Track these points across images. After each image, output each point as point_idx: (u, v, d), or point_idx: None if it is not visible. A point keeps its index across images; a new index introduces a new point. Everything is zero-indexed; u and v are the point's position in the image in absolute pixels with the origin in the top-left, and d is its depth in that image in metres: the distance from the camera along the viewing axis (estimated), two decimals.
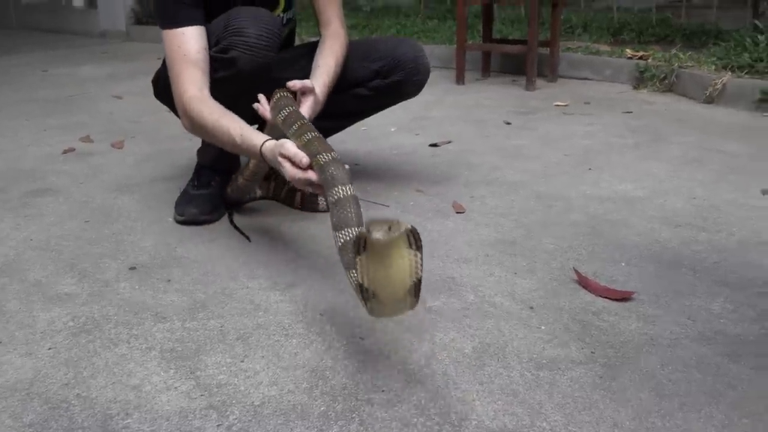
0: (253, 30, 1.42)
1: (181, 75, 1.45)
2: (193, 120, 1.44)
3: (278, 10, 1.67)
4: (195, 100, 1.42)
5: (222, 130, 1.37)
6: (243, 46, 1.42)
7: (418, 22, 5.24)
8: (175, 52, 1.46)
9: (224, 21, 1.46)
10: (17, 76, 4.06)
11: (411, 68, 1.65)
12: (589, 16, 5.10)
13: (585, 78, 3.61)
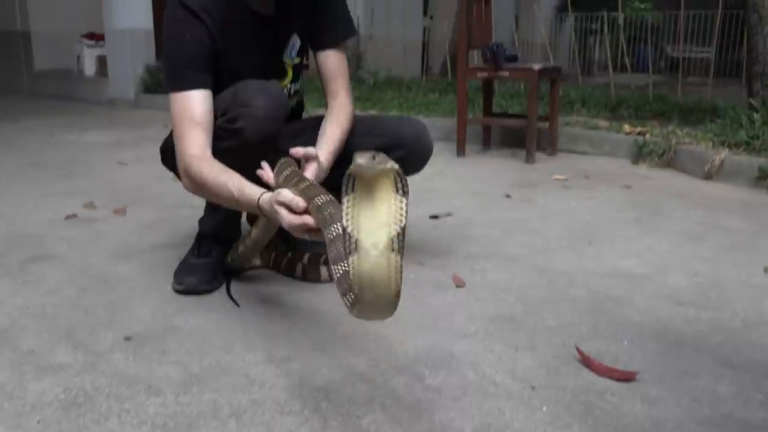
0: (260, 102, 1.45)
1: (184, 136, 1.47)
2: (194, 178, 1.45)
3: (286, 81, 1.71)
4: (196, 159, 1.44)
5: (221, 185, 1.39)
6: (249, 117, 1.44)
7: (420, 95, 5.36)
8: (180, 114, 1.48)
9: (232, 92, 1.50)
10: (24, 140, 4.12)
11: (414, 146, 1.67)
12: (587, 92, 5.23)
13: (584, 152, 3.67)
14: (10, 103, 6.46)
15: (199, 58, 1.50)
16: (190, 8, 1.50)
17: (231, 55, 1.56)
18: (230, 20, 1.55)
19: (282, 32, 1.65)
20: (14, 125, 4.80)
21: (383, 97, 5.16)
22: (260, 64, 1.63)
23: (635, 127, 3.71)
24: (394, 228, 0.93)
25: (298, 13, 1.64)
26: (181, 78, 1.50)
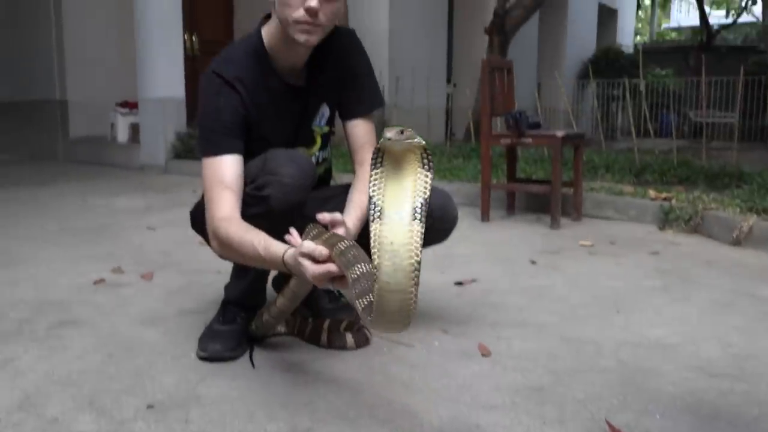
0: (288, 170, 1.48)
1: (214, 199, 1.50)
2: (221, 239, 1.47)
3: (314, 149, 1.75)
4: (225, 220, 1.47)
5: (247, 244, 1.40)
6: (277, 185, 1.47)
7: (445, 160, 5.41)
8: (211, 178, 1.52)
9: (261, 161, 1.53)
10: (58, 205, 4.23)
11: (438, 216, 1.67)
12: (611, 157, 5.24)
13: (609, 218, 3.65)
14: (46, 169, 6.66)
15: (231, 124, 1.54)
16: (224, 77, 1.56)
17: (262, 123, 1.61)
18: (262, 90, 1.60)
19: (312, 102, 1.69)
20: (49, 190, 4.93)
21: None
22: (290, 132, 1.68)
23: (661, 192, 3.70)
24: (417, 200, 1.01)
25: (328, 84, 1.69)
26: (213, 143, 1.54)
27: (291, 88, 1.64)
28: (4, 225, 3.52)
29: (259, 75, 1.60)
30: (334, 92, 1.71)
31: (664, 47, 17.26)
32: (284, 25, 1.51)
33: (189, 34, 7.07)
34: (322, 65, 1.66)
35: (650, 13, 21.25)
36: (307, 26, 1.48)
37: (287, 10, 1.48)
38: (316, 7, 1.45)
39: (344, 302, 1.93)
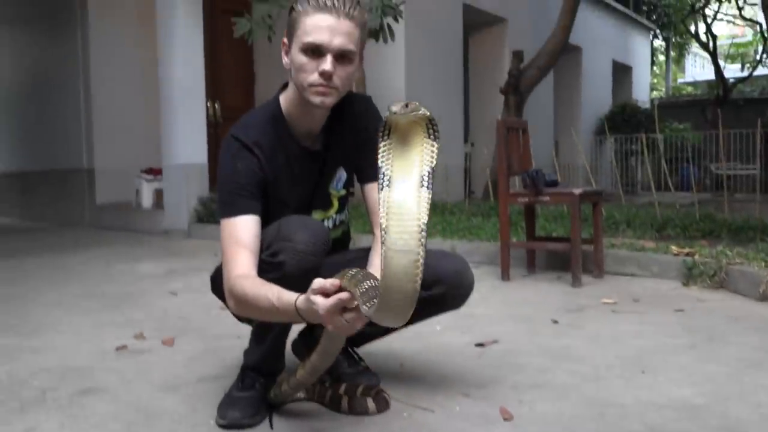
0: (301, 236, 1.50)
1: (231, 259, 1.53)
2: (237, 296, 1.49)
3: (331, 211, 1.78)
4: (240, 278, 1.49)
5: (261, 297, 1.42)
6: (291, 251, 1.49)
7: (464, 219, 5.43)
8: (228, 239, 1.55)
9: (276, 227, 1.56)
10: (82, 271, 4.29)
11: (453, 282, 1.67)
12: (631, 212, 5.22)
13: (632, 274, 3.61)
14: (72, 236, 6.79)
15: (248, 186, 1.58)
16: (242, 141, 1.61)
17: (280, 186, 1.65)
18: (280, 153, 1.64)
19: (329, 165, 1.73)
20: (74, 257, 5.01)
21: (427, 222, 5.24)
22: (307, 195, 1.71)
23: (683, 247, 3.66)
24: (424, 168, 1.07)
25: (344, 149, 1.73)
26: (231, 205, 1.58)
27: (308, 152, 1.68)
28: (30, 292, 3.58)
29: (277, 139, 1.64)
30: (350, 156, 1.75)
31: (681, 101, 17.38)
32: (300, 89, 1.56)
33: (212, 101, 7.28)
34: (338, 130, 1.71)
35: (665, 68, 21.47)
36: (323, 89, 1.53)
37: (303, 75, 1.53)
38: (330, 71, 1.50)
39: (364, 366, 1.92)
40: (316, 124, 1.67)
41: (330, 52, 1.50)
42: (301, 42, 1.52)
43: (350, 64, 1.55)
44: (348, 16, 1.50)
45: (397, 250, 1.06)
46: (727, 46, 20.26)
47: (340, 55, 1.51)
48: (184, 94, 6.29)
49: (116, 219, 7.38)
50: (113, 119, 7.70)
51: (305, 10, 1.51)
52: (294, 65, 1.55)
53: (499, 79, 8.37)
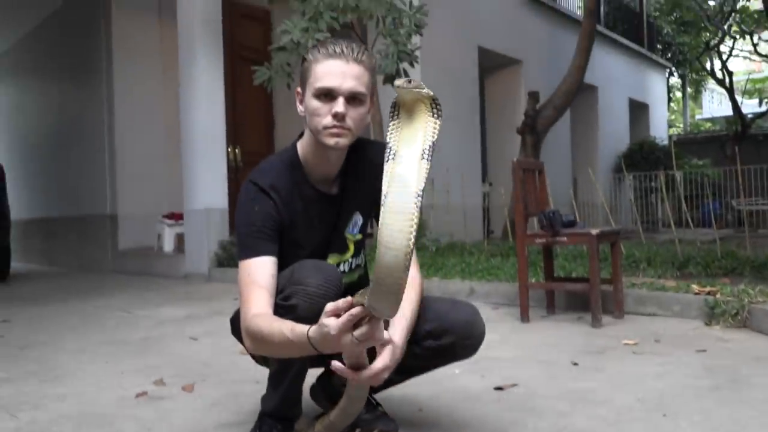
0: (313, 280, 1.53)
1: (247, 299, 1.56)
2: (252, 334, 1.51)
3: (347, 255, 1.80)
4: (257, 317, 1.52)
5: (275, 332, 1.45)
6: (303, 294, 1.52)
7: (482, 260, 5.42)
8: (245, 279, 1.59)
9: (289, 272, 1.59)
10: (103, 317, 4.34)
11: (462, 332, 1.67)
12: (652, 250, 5.18)
13: (653, 314, 3.57)
14: (95, 281, 6.88)
15: (264, 228, 1.63)
16: (260, 186, 1.66)
17: (296, 229, 1.68)
18: (296, 197, 1.69)
19: (345, 210, 1.76)
20: (96, 302, 5.07)
21: (446, 264, 5.24)
22: (323, 238, 1.74)
23: (705, 286, 3.62)
24: (426, 143, 1.22)
25: (361, 194, 1.76)
26: (248, 247, 1.63)
27: (324, 197, 1.72)
28: (53, 338, 3.62)
29: (293, 184, 1.69)
30: (367, 201, 1.77)
31: (699, 138, 17.33)
32: (315, 133, 1.62)
33: (232, 146, 7.41)
34: (355, 175, 1.75)
35: (682, 104, 21.47)
36: (336, 130, 1.58)
37: (317, 118, 1.59)
38: (343, 112, 1.56)
39: (381, 411, 1.91)
40: (333, 169, 1.72)
41: (341, 94, 1.57)
42: (313, 88, 1.58)
43: (362, 105, 1.61)
44: (357, 60, 1.58)
45: (394, 212, 1.19)
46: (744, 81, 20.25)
47: (351, 97, 1.58)
48: (206, 140, 6.42)
49: (138, 264, 7.47)
50: (136, 165, 7.87)
51: (316, 59, 1.59)
52: (308, 111, 1.62)
53: (516, 118, 8.45)
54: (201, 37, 6.40)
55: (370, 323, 1.30)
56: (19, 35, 9.94)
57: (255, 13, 8.02)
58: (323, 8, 4.99)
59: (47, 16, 9.13)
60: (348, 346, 1.32)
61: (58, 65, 9.19)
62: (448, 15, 7.82)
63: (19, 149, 10.32)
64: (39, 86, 9.89)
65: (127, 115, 7.88)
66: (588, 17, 7.70)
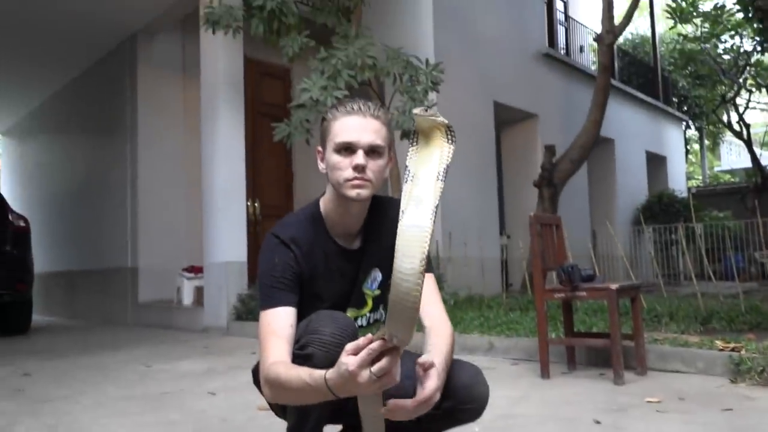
0: (328, 329, 1.56)
1: (266, 348, 1.59)
2: (271, 381, 1.53)
3: (365, 310, 1.81)
4: (275, 364, 1.54)
5: (293, 377, 1.46)
6: (318, 343, 1.55)
7: (501, 313, 5.38)
8: (265, 329, 1.63)
9: (306, 323, 1.63)
10: (122, 371, 4.35)
11: (462, 396, 1.64)
12: (674, 305, 5.11)
13: (676, 371, 3.50)
14: (115, 334, 6.91)
15: (284, 279, 1.67)
16: (280, 238, 1.71)
17: (315, 281, 1.72)
18: (316, 250, 1.73)
19: (365, 265, 1.79)
20: (115, 356, 5.09)
21: (464, 318, 5.20)
22: (341, 292, 1.77)
23: (729, 342, 3.56)
24: (441, 166, 1.33)
25: (381, 251, 1.77)
26: (268, 297, 1.67)
27: (345, 251, 1.76)
28: (72, 393, 3.63)
29: (314, 237, 1.74)
30: (387, 258, 1.78)
31: (719, 190, 17.26)
32: (337, 187, 1.67)
33: (251, 200, 7.51)
34: (376, 232, 1.78)
35: (700, 156, 21.45)
36: (357, 181, 1.64)
37: (338, 173, 1.65)
38: (363, 163, 1.63)
39: None
40: (354, 224, 1.76)
41: (361, 147, 1.63)
42: (334, 143, 1.66)
43: (380, 158, 1.67)
44: (374, 116, 1.66)
45: (411, 225, 1.29)
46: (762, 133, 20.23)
47: (370, 150, 1.64)
48: (226, 194, 6.53)
49: (157, 317, 7.51)
50: (157, 219, 8.00)
51: (335, 117, 1.67)
52: (329, 166, 1.68)
53: (533, 171, 8.49)
54: (223, 93, 6.58)
55: (388, 358, 1.33)
56: (50, 93, 10.28)
57: (275, 71, 8.24)
58: (341, 67, 5.13)
59: (78, 75, 9.45)
60: (365, 384, 1.33)
61: (85, 121, 9.47)
62: (464, 71, 7.98)
63: (45, 203, 10.54)
64: (66, 142, 10.17)
65: (149, 169, 8.05)
66: (602, 72, 7.81)
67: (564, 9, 12.04)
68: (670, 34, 15.70)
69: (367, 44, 5.30)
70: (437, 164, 1.33)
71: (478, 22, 8.56)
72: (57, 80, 9.70)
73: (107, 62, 8.76)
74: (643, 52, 15.87)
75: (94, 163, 9.17)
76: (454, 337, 1.74)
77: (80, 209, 9.45)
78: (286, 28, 5.64)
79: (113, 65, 8.61)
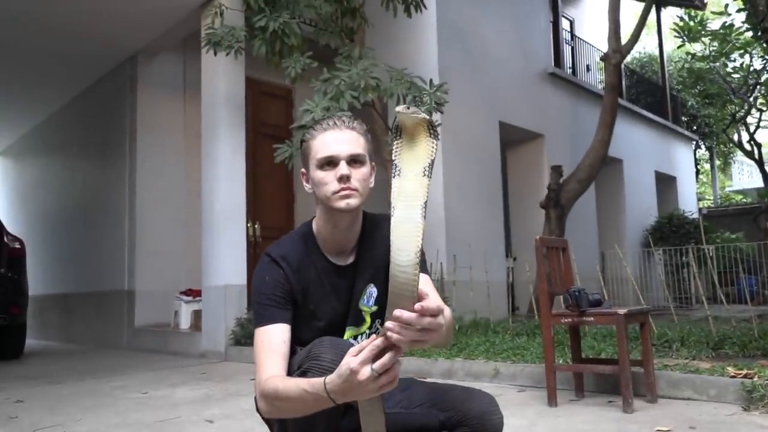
0: (329, 356, 1.58)
1: (262, 364, 1.64)
2: (268, 394, 1.57)
3: (363, 328, 1.83)
4: (272, 378, 1.59)
5: (291, 387, 1.51)
6: (318, 368, 1.57)
7: (507, 339, 5.37)
8: (260, 346, 1.68)
9: (307, 350, 1.65)
10: (118, 398, 4.34)
11: (476, 425, 1.66)
12: (684, 330, 5.09)
13: (688, 398, 3.49)
14: (110, 359, 6.90)
15: (274, 296, 1.73)
16: (272, 257, 1.78)
17: (309, 299, 1.76)
18: (309, 268, 1.78)
19: (359, 282, 1.82)
20: (110, 382, 5.08)
21: (469, 343, 5.19)
22: (338, 310, 1.80)
23: (741, 368, 3.54)
24: (426, 161, 1.39)
25: (375, 265, 1.81)
26: (260, 316, 1.73)
27: (336, 268, 1.80)
28: (67, 420, 3.62)
29: (305, 254, 1.79)
30: (382, 273, 1.78)
31: (731, 210, 17.23)
32: (326, 202, 1.73)
33: (251, 222, 7.54)
34: (369, 247, 1.82)
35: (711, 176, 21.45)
36: (344, 192, 1.70)
37: (324, 188, 1.72)
38: (347, 173, 1.70)
39: None
40: (345, 240, 1.80)
41: (342, 159, 1.71)
42: (315, 160, 1.73)
43: (363, 166, 1.74)
44: (350, 127, 1.74)
45: (403, 221, 1.35)
46: None
47: (351, 160, 1.72)
48: (225, 216, 6.55)
49: (154, 341, 7.50)
50: (155, 241, 8.02)
51: (313, 136, 1.76)
52: (315, 183, 1.75)
53: (539, 192, 8.51)
54: (224, 114, 6.64)
55: (390, 354, 1.37)
56: (48, 113, 10.37)
57: (277, 91, 8.32)
58: (344, 87, 5.18)
59: (77, 94, 9.54)
60: (365, 381, 1.37)
61: (84, 142, 9.53)
62: (468, 91, 8.04)
63: (41, 224, 10.58)
64: (63, 162, 10.23)
65: (147, 190, 8.10)
66: (610, 92, 7.86)
67: (570, 28, 12.15)
68: (678, 53, 15.82)
69: (371, 65, 5.35)
70: (423, 160, 1.39)
71: (483, 42, 8.64)
72: (55, 100, 9.79)
73: (107, 82, 8.85)
74: (651, 71, 15.97)
75: (92, 183, 9.22)
76: (453, 321, 1.77)
77: (77, 231, 9.48)
78: (288, 48, 5.70)
79: (113, 85, 8.70)
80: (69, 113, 9.91)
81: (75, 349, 8.49)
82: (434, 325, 1.39)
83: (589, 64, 12.30)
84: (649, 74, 15.63)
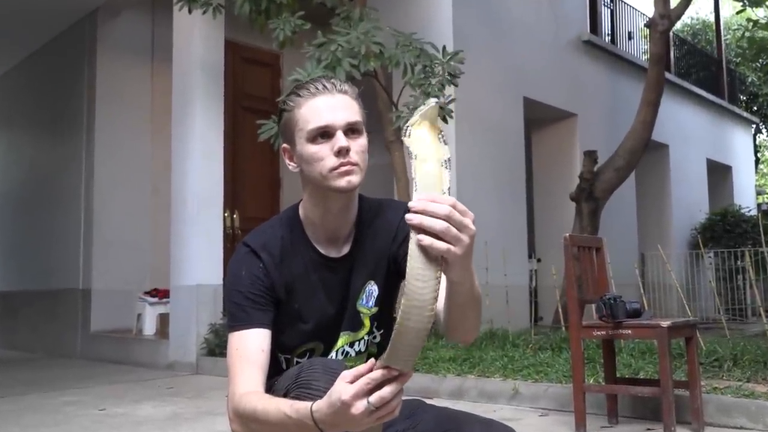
0: (321, 383, 1.55)
1: (236, 376, 1.61)
2: (243, 414, 1.55)
3: (362, 333, 1.80)
4: (247, 395, 1.56)
5: (271, 410, 1.49)
6: (308, 400, 1.53)
7: (529, 353, 5.38)
8: (233, 354, 1.65)
9: (296, 372, 1.62)
10: (70, 415, 4.36)
11: None
12: (738, 346, 5.10)
13: (741, 427, 3.51)
14: (60, 369, 6.93)
15: (251, 295, 1.68)
16: (250, 246, 1.74)
17: (294, 297, 1.73)
18: (295, 260, 1.74)
19: (355, 277, 1.77)
20: (61, 396, 5.10)
21: (484, 358, 5.21)
22: (329, 312, 1.76)
23: None
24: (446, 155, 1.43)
25: (374, 258, 1.77)
26: (234, 317, 1.69)
27: (327, 260, 1.75)
28: None
29: (291, 244, 1.75)
30: (383, 268, 1.78)
31: None
32: (320, 181, 1.67)
33: (230, 211, 7.55)
34: (369, 236, 1.77)
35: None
36: (345, 168, 1.65)
37: (318, 164, 1.66)
38: (346, 146, 1.64)
39: None
40: (338, 227, 1.75)
41: (339, 128, 1.65)
42: (305, 132, 1.66)
43: (361, 136, 1.69)
44: (341, 91, 1.68)
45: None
46: None
47: (348, 129, 1.66)
48: (200, 204, 6.56)
49: (113, 349, 7.53)
50: (116, 232, 8.04)
51: (298, 104, 1.68)
52: (304, 160, 1.69)
53: (569, 182, 8.50)
54: (199, 83, 6.64)
55: (391, 387, 1.34)
56: None
57: (263, 58, 8.32)
58: (342, 54, 5.17)
59: (25, 57, 9.53)
60: (360, 416, 1.35)
61: (33, 113, 9.54)
62: (488, 61, 8.03)
63: None
64: (8, 137, 10.24)
65: (108, 173, 8.10)
66: (655, 64, 7.83)
67: None
68: (737, 20, 15.78)
69: (373, 28, 5.34)
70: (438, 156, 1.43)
71: (506, 3, 8.63)
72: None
73: (61, 43, 8.84)
74: (704, 41, 15.96)
75: (43, 164, 9.23)
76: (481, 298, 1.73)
77: (22, 218, 9.50)
78: (276, 7, 5.70)
79: (68, 47, 8.70)
80: (15, 80, 9.91)
81: (19, 357, 8.52)
82: (470, 230, 1.42)
83: (631, 32, 12.27)
84: (702, 44, 15.61)
